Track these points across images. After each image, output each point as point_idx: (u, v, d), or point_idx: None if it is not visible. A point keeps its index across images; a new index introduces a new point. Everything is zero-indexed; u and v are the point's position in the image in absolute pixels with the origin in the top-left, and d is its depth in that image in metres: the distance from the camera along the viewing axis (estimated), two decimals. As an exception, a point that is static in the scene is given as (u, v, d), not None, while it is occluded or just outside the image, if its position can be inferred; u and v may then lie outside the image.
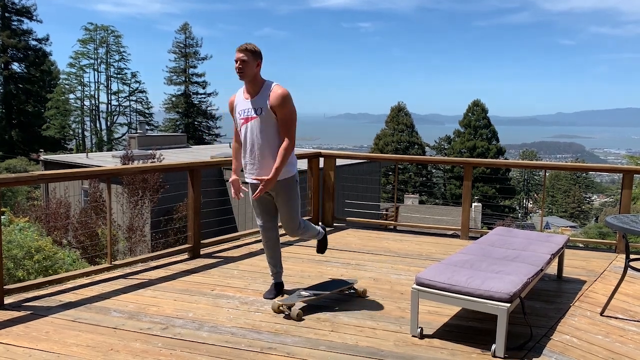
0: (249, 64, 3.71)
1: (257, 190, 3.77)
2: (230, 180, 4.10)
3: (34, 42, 46.07)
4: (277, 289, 4.15)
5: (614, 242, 6.02)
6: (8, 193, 20.07)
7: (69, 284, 4.32)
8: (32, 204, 17.14)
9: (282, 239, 4.48)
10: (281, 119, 3.74)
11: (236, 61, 3.72)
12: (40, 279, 4.38)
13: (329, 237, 6.31)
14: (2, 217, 4.12)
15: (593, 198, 70.10)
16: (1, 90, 44.91)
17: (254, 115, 3.77)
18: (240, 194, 4.02)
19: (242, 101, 3.87)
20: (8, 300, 3.89)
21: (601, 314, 3.86)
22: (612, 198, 64.07)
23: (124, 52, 49.04)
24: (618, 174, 6.33)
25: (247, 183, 4.00)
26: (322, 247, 4.47)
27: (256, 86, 3.79)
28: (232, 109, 3.98)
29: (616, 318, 3.81)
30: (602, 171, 7.45)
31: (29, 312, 3.70)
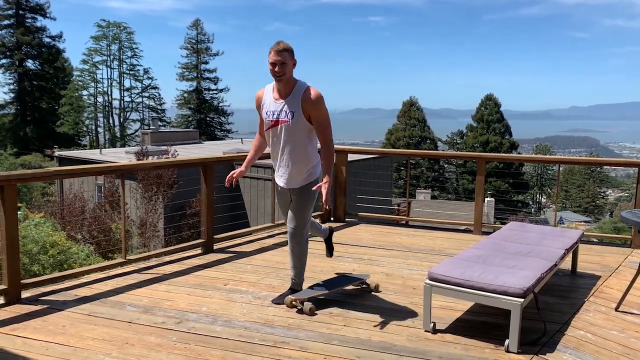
0: (288, 65, 3.52)
1: (325, 199, 3.51)
2: (237, 169, 3.93)
3: (47, 39, 46.55)
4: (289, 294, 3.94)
5: (629, 237, 5.96)
6: (23, 189, 20.30)
7: (84, 279, 4.37)
8: (47, 200, 17.34)
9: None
10: (317, 121, 3.61)
11: (274, 64, 3.50)
12: (56, 274, 4.44)
13: (342, 232, 6.31)
14: (18, 212, 4.17)
15: (608, 193, 69.38)
16: (16, 87, 45.39)
17: (286, 119, 3.62)
18: (232, 183, 3.89)
19: (272, 102, 3.69)
20: (25, 294, 3.95)
21: (616, 309, 3.83)
22: (627, 192, 63.38)
23: (136, 48, 49.41)
24: (633, 168, 6.26)
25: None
26: (330, 249, 4.45)
27: (288, 86, 3.61)
28: (258, 105, 3.80)
29: (631, 313, 3.78)
30: (617, 165, 7.37)
31: (45, 306, 3.75)
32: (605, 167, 61.50)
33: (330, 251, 4.46)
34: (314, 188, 3.68)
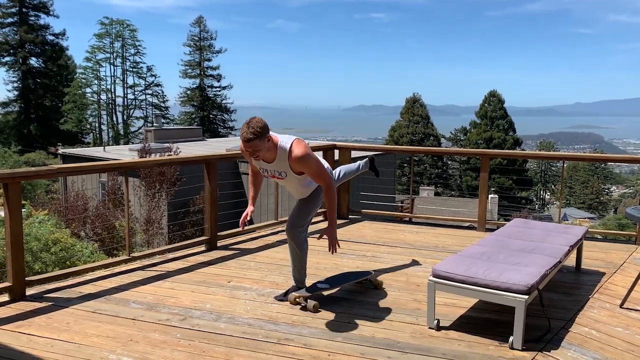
0: (262, 148, 3.44)
1: (331, 246, 3.63)
2: (248, 210, 4.02)
3: (51, 37, 46.62)
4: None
5: (634, 233, 5.94)
6: (27, 186, 20.37)
7: (88, 276, 4.38)
8: (51, 197, 17.39)
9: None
10: (310, 173, 3.64)
11: (246, 151, 3.48)
12: (61, 271, 4.45)
13: (345, 229, 6.31)
14: (22, 210, 4.18)
15: (612, 189, 69.20)
16: (20, 85, 45.49)
17: (279, 177, 3.70)
18: (246, 223, 4.02)
19: (261, 160, 3.69)
20: (30, 291, 3.96)
21: (621, 306, 3.82)
22: (632, 189, 63.21)
23: (139, 45, 49.41)
24: (638, 165, 6.24)
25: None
26: (376, 173, 4.92)
27: (271, 153, 3.57)
28: (245, 152, 3.71)
29: (636, 310, 3.77)
30: (621, 162, 7.36)
31: (50, 304, 3.77)
32: (610, 163, 61.29)
33: (377, 174, 4.95)
34: (320, 237, 3.73)
